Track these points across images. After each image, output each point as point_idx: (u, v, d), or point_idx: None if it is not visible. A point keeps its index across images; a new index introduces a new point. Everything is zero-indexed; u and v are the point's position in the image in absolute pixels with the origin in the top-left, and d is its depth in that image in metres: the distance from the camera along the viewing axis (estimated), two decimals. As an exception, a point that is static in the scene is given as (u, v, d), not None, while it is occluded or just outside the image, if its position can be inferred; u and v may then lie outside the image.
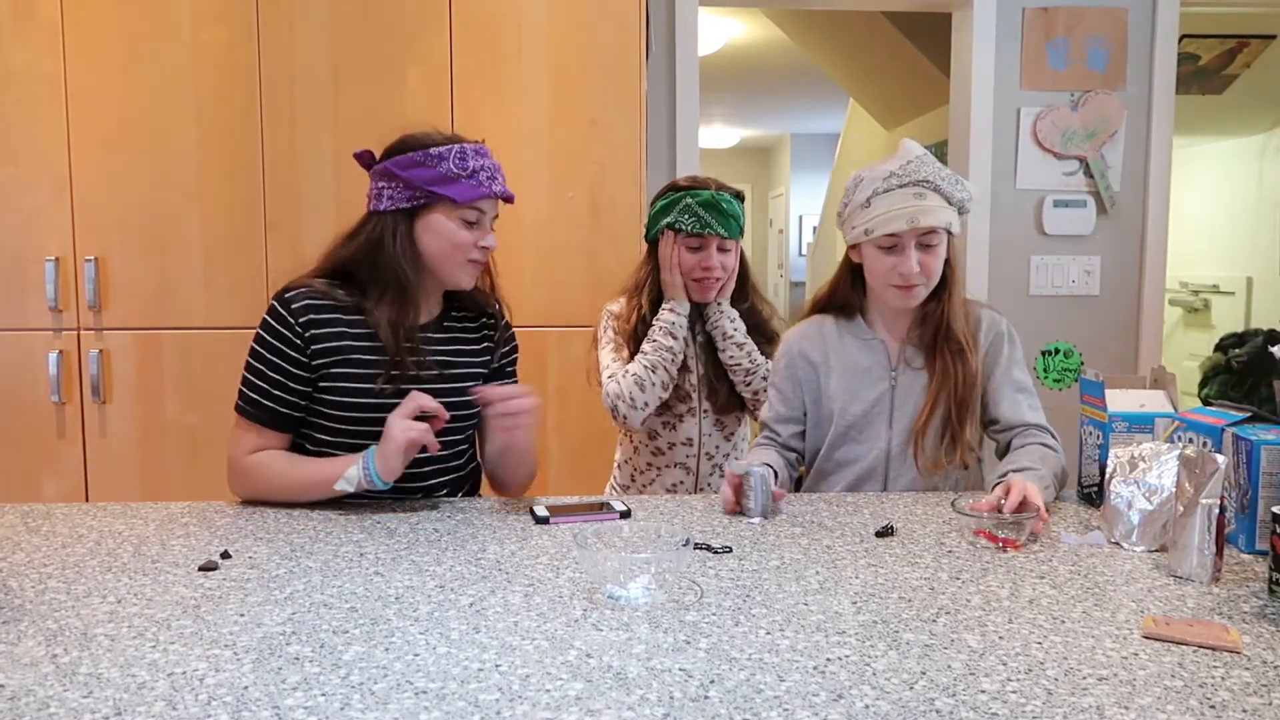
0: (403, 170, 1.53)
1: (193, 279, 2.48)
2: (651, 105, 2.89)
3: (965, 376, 1.66)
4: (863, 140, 6.23)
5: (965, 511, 1.40)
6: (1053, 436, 1.67)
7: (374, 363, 1.55)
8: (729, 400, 2.06)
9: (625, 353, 2.05)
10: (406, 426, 1.47)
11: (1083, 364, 3.13)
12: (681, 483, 2.07)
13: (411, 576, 1.20)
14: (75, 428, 2.48)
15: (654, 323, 2.01)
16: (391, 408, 1.51)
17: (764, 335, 2.07)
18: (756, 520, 1.46)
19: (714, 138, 9.68)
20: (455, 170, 1.53)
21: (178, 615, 1.07)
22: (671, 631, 1.03)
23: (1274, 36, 3.98)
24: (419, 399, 1.49)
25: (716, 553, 1.30)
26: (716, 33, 5.59)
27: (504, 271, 2.20)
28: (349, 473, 1.48)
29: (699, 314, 2.05)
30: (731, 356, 2.01)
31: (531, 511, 1.49)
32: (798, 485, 1.83)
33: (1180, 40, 3.11)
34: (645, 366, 1.96)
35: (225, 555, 1.28)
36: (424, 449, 1.55)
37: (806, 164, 9.33)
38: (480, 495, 1.74)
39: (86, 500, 2.24)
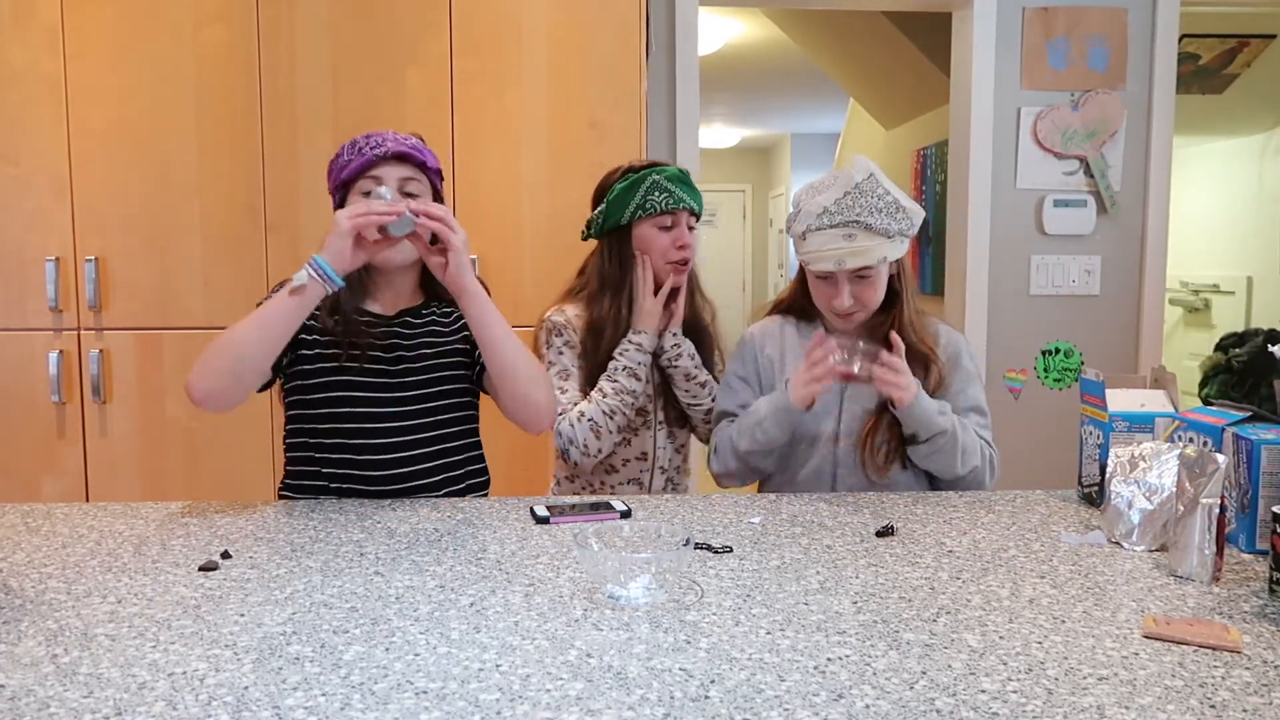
0: (330, 182, 1.66)
1: (193, 279, 2.48)
2: (651, 105, 2.89)
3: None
4: (863, 140, 6.23)
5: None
6: (994, 451, 1.72)
7: (336, 348, 1.61)
8: (683, 411, 1.93)
9: (577, 378, 1.84)
10: (350, 213, 1.47)
11: (1083, 364, 3.13)
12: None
13: (411, 576, 1.20)
14: (75, 428, 2.48)
15: (616, 356, 1.80)
16: (358, 386, 1.59)
17: (703, 344, 1.94)
18: (757, 521, 1.46)
19: (714, 138, 9.67)
20: (345, 159, 1.62)
21: (178, 615, 1.07)
22: (672, 631, 1.03)
23: (1274, 36, 3.98)
24: (369, 204, 1.49)
25: (716, 553, 1.30)
26: (716, 33, 5.59)
27: (504, 271, 2.20)
28: (297, 274, 1.48)
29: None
30: (695, 397, 1.89)
31: (531, 511, 1.49)
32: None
33: (1180, 40, 3.11)
34: (603, 412, 1.77)
35: (225, 555, 1.28)
36: (411, 455, 1.59)
37: (806, 164, 9.32)
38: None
39: (86, 500, 2.24)
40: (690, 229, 1.87)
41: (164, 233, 2.46)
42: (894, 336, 1.61)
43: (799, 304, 1.80)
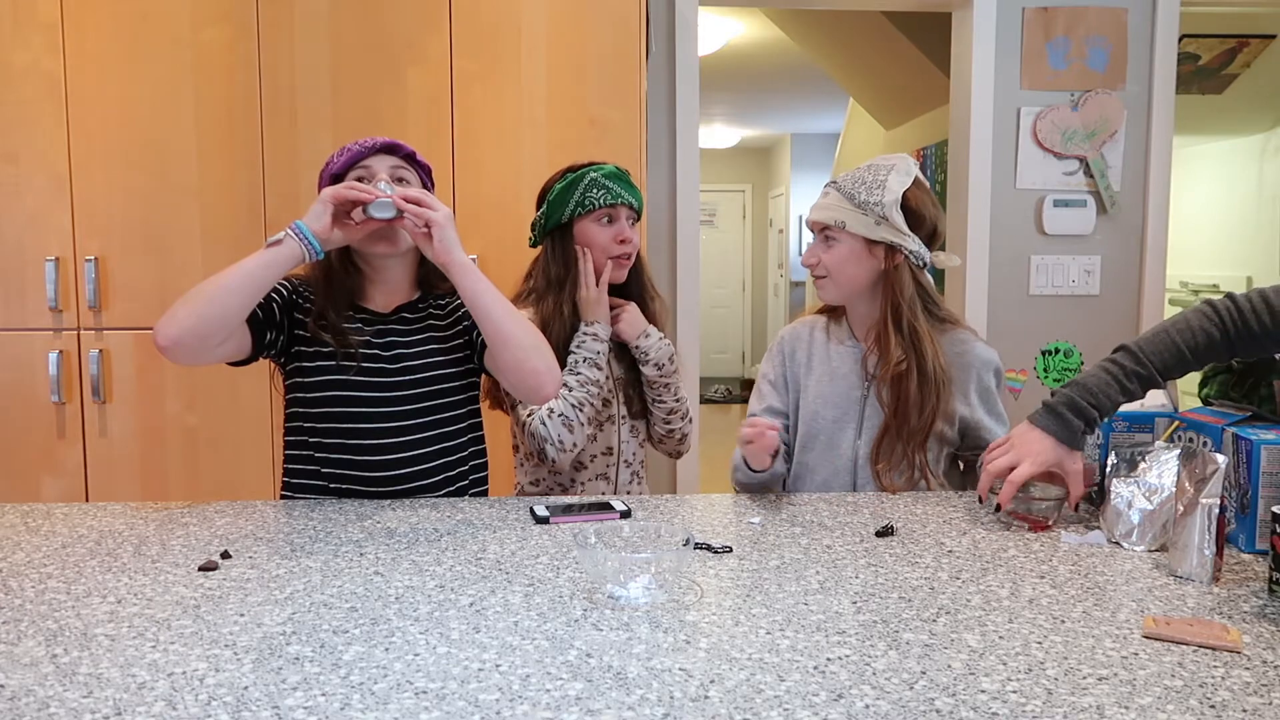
0: (320, 190, 1.63)
1: (193, 279, 2.46)
2: (651, 105, 2.89)
3: (906, 401, 1.66)
4: (863, 140, 6.23)
5: (1010, 509, 1.44)
6: None
7: (332, 346, 1.61)
8: (642, 404, 1.94)
9: None
10: (336, 186, 1.50)
11: (1083, 364, 3.13)
12: (603, 494, 1.90)
13: (411, 576, 1.20)
14: (75, 428, 2.48)
15: (575, 350, 1.79)
16: (357, 385, 1.58)
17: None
18: (757, 521, 1.46)
19: (714, 138, 9.67)
20: (335, 159, 1.64)
21: (178, 615, 1.07)
22: (671, 631, 1.03)
23: (1274, 36, 3.98)
24: (350, 184, 1.52)
25: (716, 553, 1.30)
26: (716, 33, 5.58)
27: (504, 271, 2.19)
28: (278, 234, 1.49)
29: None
30: (660, 395, 1.89)
31: (531, 511, 1.49)
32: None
33: (1180, 40, 3.11)
34: (572, 405, 1.75)
35: (225, 555, 1.28)
36: (405, 454, 1.61)
37: (806, 164, 9.32)
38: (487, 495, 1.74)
39: (86, 500, 2.24)
40: (631, 224, 1.88)
41: (164, 233, 2.46)
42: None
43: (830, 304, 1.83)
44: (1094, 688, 0.89)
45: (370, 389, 1.60)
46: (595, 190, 1.83)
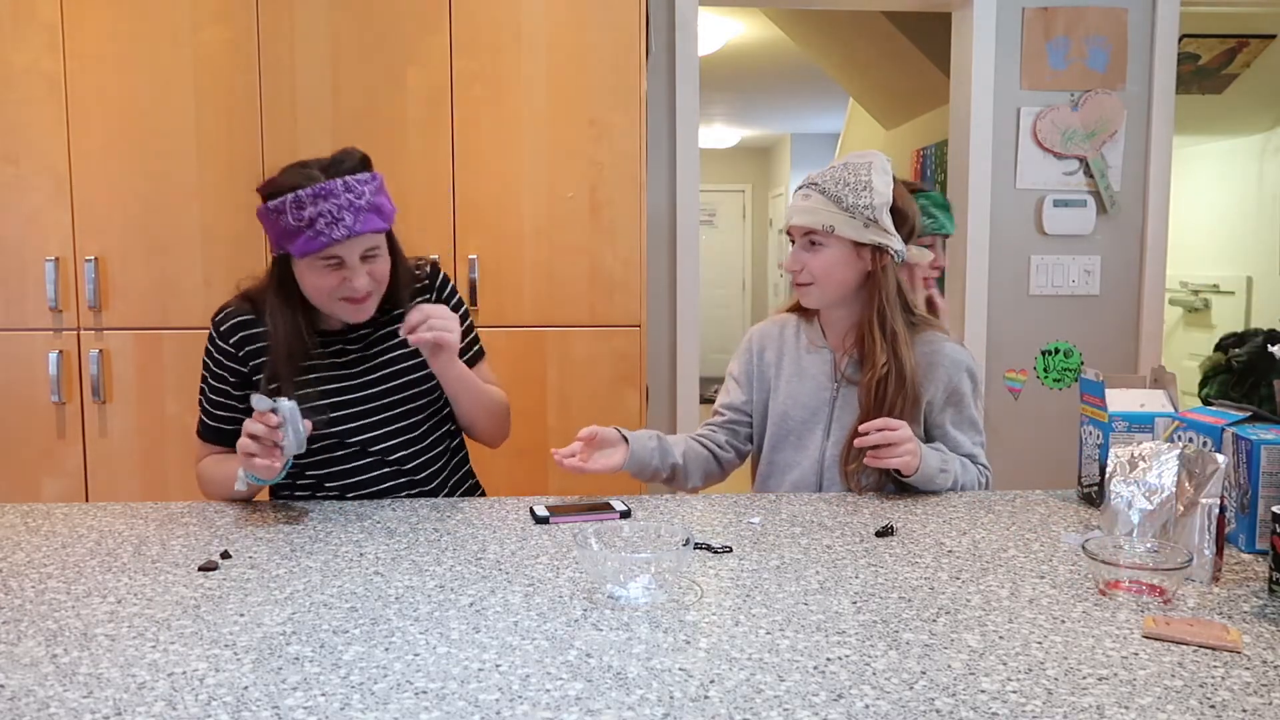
0: (261, 221, 1.54)
1: (193, 279, 2.47)
2: (651, 105, 2.89)
3: (883, 404, 1.63)
4: (863, 140, 6.23)
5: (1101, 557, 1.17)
6: (989, 474, 1.71)
7: (302, 369, 1.58)
8: None
9: None
10: (244, 452, 1.42)
11: (1083, 364, 3.13)
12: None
13: (411, 576, 1.21)
14: (75, 428, 2.48)
15: None
16: (317, 395, 1.58)
17: None
18: (757, 521, 1.46)
19: (714, 138, 9.66)
20: (293, 223, 1.47)
21: (178, 615, 1.07)
22: (671, 631, 1.03)
23: (1274, 36, 3.98)
24: (251, 445, 1.42)
25: (716, 553, 1.30)
26: (716, 33, 5.58)
27: (504, 271, 2.20)
28: (239, 473, 1.47)
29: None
30: None
31: (531, 511, 1.49)
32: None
33: (1180, 40, 3.11)
34: None
35: (225, 555, 1.28)
36: (387, 457, 1.63)
37: (806, 164, 9.31)
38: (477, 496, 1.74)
39: (86, 500, 2.24)
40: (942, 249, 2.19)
41: (164, 233, 2.46)
42: (862, 428, 1.57)
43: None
44: (1094, 688, 0.89)
45: (335, 394, 1.60)
46: (925, 219, 2.05)
